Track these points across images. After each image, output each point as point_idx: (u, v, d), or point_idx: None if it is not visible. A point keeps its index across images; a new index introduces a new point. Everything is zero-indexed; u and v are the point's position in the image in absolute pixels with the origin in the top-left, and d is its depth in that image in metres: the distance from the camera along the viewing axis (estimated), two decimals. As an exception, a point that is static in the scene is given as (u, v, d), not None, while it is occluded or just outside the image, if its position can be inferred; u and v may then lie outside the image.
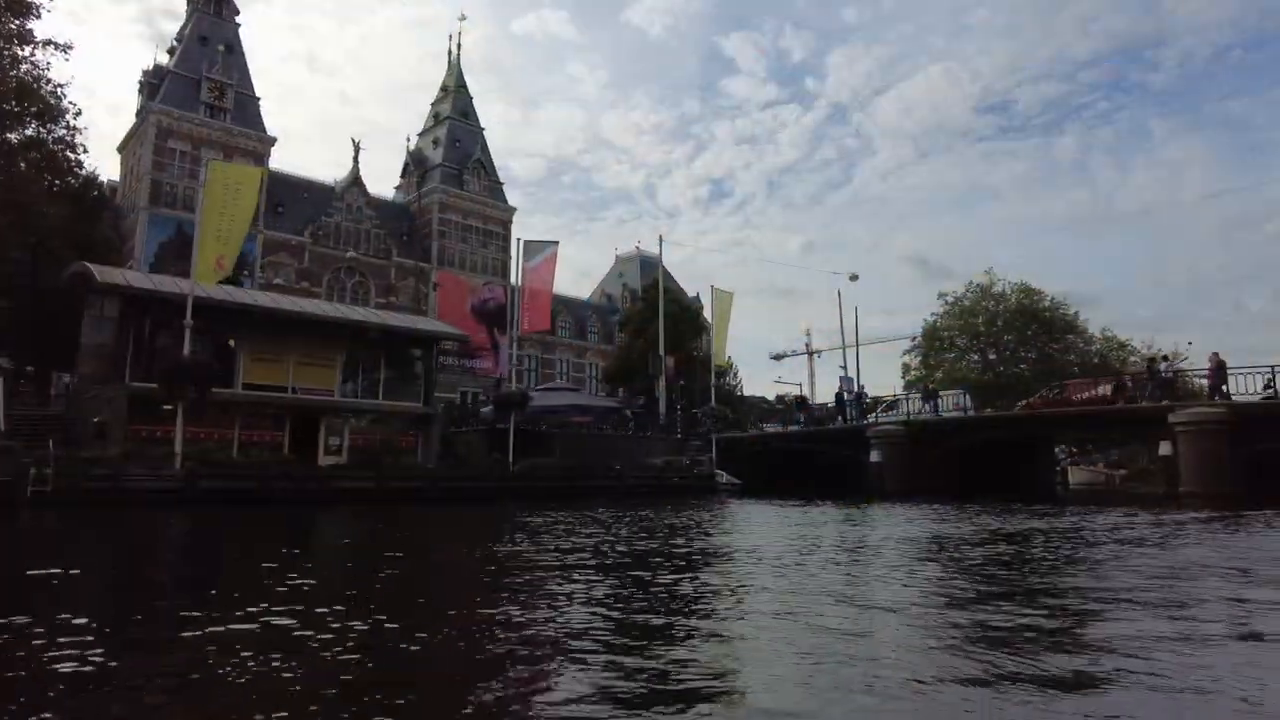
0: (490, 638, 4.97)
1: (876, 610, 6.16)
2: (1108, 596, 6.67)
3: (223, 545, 12.09)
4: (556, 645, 4.75)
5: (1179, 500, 22.79)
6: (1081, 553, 10.18)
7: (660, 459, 28.48)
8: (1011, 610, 5.88)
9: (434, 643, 4.88)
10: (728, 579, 8.10)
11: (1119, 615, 5.86)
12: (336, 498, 19.67)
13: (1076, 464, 43.46)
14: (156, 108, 53.73)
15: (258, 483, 18.45)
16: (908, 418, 30.38)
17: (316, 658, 4.31)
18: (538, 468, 23.48)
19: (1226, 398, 24.23)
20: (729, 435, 33.92)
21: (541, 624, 5.46)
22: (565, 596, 6.59)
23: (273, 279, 57.72)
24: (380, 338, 22.95)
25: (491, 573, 8.50)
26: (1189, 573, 8.20)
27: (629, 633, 5.15)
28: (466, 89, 71.32)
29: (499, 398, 25.04)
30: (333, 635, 4.79)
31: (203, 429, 19.71)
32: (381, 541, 12.33)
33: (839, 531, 14.17)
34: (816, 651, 4.61)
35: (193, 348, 19.20)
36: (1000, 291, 52.85)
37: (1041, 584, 7.57)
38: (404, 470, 21.41)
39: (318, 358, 21.93)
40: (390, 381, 23.18)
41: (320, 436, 21.55)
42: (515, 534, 12.84)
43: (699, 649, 4.63)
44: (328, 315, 22.03)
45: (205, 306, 19.36)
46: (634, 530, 13.23)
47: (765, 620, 5.68)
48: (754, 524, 15.90)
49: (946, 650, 4.54)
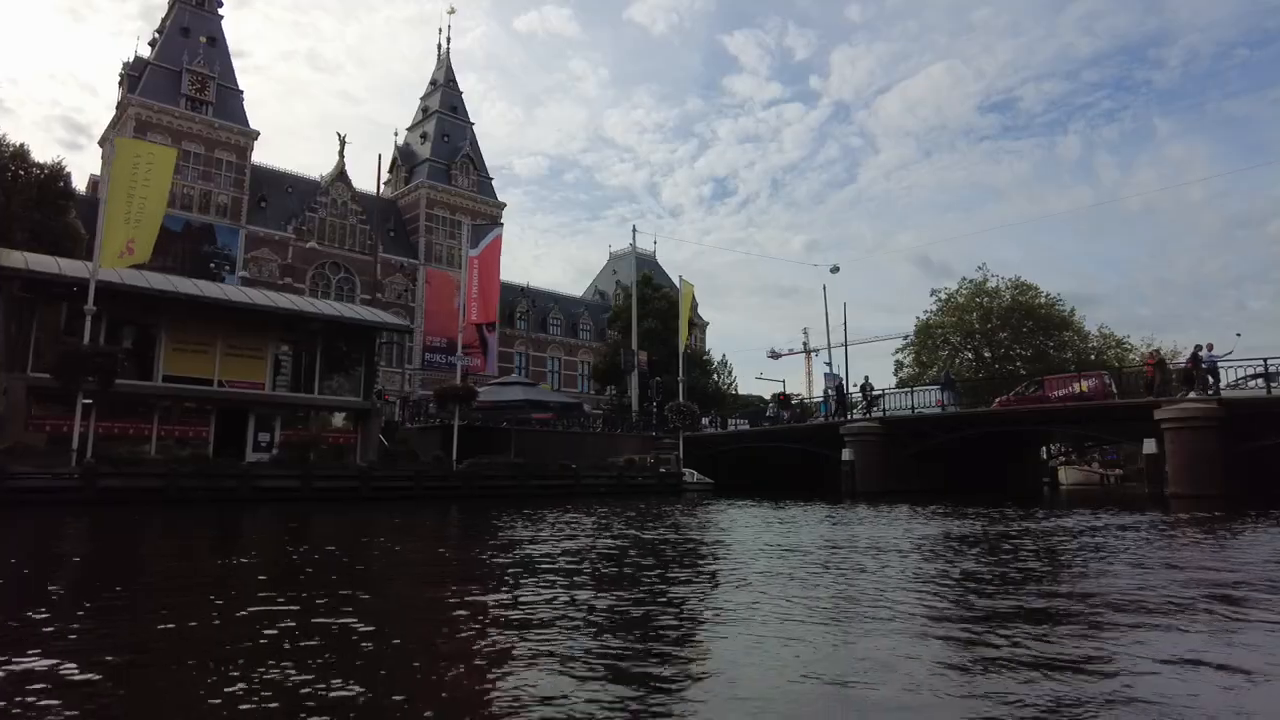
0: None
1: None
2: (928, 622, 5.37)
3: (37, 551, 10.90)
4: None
5: (1165, 503, 21.35)
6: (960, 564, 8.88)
7: (623, 457, 27.18)
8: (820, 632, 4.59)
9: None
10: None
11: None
12: (258, 497, 18.48)
13: (1070, 464, 41.93)
14: (135, 100, 52.79)
15: (166, 481, 17.27)
16: (884, 414, 28.96)
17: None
18: (482, 467, 22.22)
19: (1216, 392, 22.74)
20: (706, 433, 32.60)
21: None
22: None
23: (255, 275, 56.85)
24: (316, 328, 21.74)
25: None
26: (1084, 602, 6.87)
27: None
28: (456, 83, 70.25)
29: (440, 392, 23.79)
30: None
31: (117, 424, 18.58)
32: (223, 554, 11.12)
33: (748, 536, 12.88)
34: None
35: (105, 336, 18.08)
36: (994, 288, 51.67)
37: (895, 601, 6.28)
38: (333, 468, 20.19)
39: (247, 349, 20.75)
40: (327, 374, 21.97)
41: (249, 432, 20.37)
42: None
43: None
44: (257, 303, 20.79)
45: (118, 293, 18.19)
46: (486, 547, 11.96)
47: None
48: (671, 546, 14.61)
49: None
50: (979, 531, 12.69)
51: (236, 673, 3.86)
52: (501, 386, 26.92)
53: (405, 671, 4.10)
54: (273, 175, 60.96)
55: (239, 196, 56.79)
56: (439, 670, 4.21)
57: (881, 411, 30.04)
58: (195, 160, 55.06)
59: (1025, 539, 11.62)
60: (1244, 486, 21.37)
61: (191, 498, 17.47)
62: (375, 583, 7.67)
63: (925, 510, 17.49)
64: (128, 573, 8.30)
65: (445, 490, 21.63)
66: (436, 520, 16.17)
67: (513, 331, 69.84)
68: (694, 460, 30.80)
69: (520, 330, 70.65)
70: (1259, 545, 10.89)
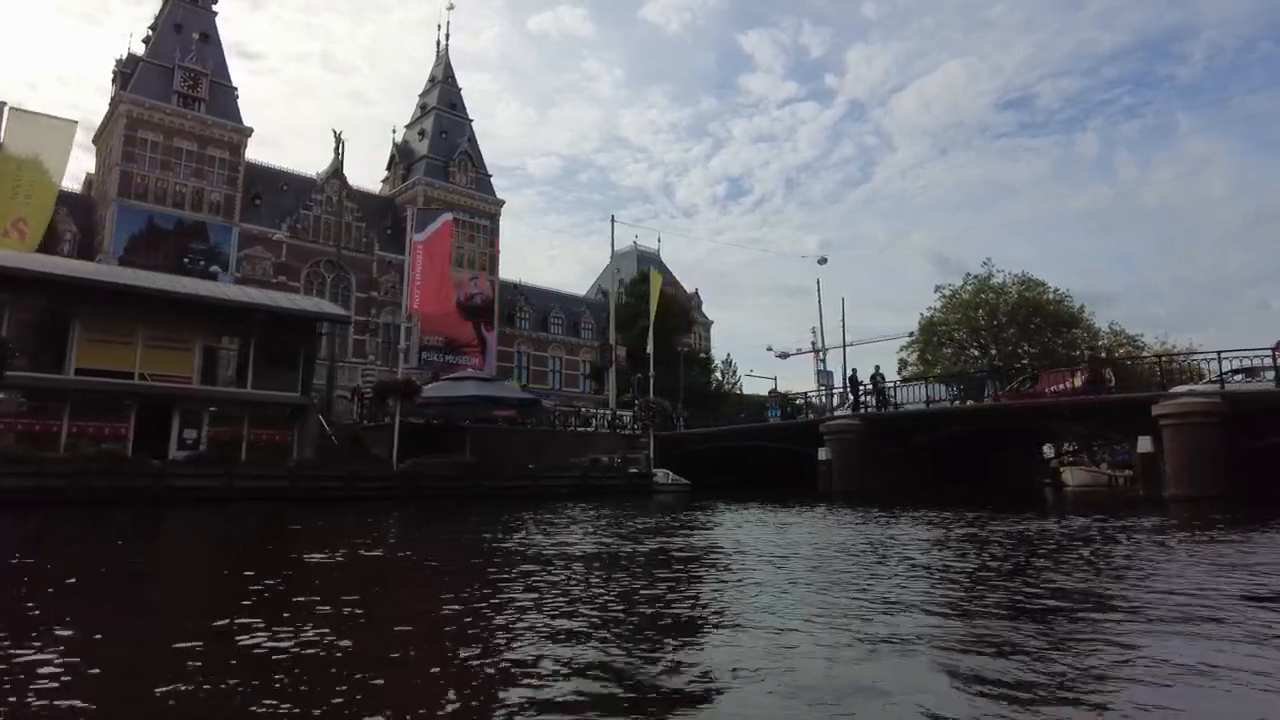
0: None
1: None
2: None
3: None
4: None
5: (1163, 505, 19.58)
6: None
7: (588, 457, 25.78)
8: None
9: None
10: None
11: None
12: (175, 498, 17.34)
13: (1077, 464, 39.85)
14: (128, 97, 52.41)
15: (68, 480, 16.14)
16: (864, 410, 27.22)
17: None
18: (425, 467, 20.90)
19: (1220, 385, 20.89)
20: (682, 432, 31.11)
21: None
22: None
23: (249, 274, 56.25)
24: (251, 319, 20.54)
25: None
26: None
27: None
28: (455, 80, 69.33)
29: (378, 386, 22.50)
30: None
31: (21, 420, 17.48)
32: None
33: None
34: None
35: (8, 327, 17.01)
36: (1000, 284, 49.70)
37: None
38: (260, 468, 18.97)
39: (173, 340, 19.61)
40: (262, 368, 20.76)
41: (173, 429, 19.21)
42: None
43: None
44: (182, 291, 19.64)
45: (17, 280, 17.09)
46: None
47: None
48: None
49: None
50: (900, 537, 11.21)
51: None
52: (454, 382, 25.57)
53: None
54: (268, 173, 60.36)
55: (232, 194, 56.23)
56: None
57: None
58: (188, 157, 54.57)
59: (947, 548, 10.10)
60: (1248, 488, 19.56)
61: (98, 498, 16.34)
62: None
63: (883, 513, 15.96)
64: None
65: (385, 491, 20.36)
66: (338, 522, 14.94)
67: (513, 331, 68.91)
68: (673, 460, 29.33)
69: (521, 330, 69.64)
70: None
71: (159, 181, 53.43)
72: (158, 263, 47.08)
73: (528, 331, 69.95)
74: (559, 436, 29.24)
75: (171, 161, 54.06)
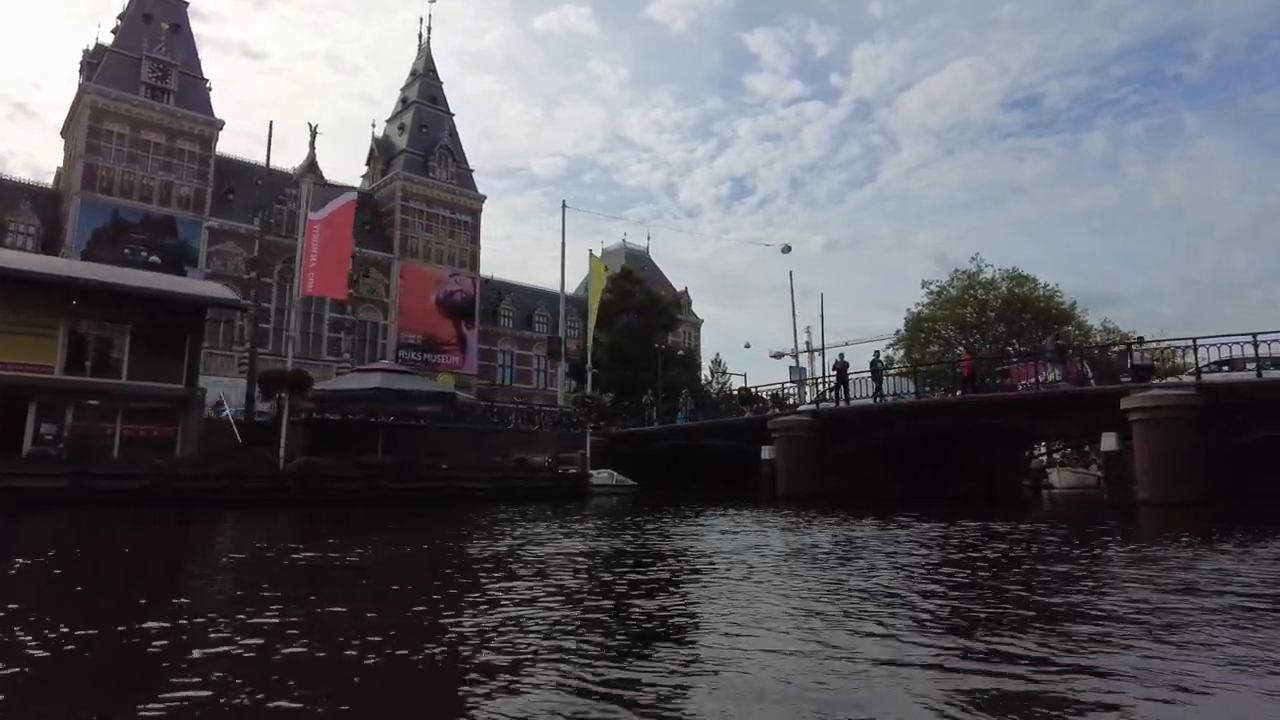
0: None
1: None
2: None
3: None
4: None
5: (1130, 511, 17.45)
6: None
7: (514, 456, 23.86)
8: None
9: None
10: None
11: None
12: (9, 499, 15.51)
13: (1065, 465, 37.61)
14: (92, 88, 51.07)
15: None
16: (816, 407, 25.15)
17: None
18: (317, 467, 19.02)
19: (1196, 376, 18.73)
20: (630, 430, 29.15)
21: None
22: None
23: (220, 269, 54.84)
24: (123, 303, 18.75)
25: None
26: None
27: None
28: (436, 73, 67.73)
29: (264, 376, 20.57)
30: None
31: None
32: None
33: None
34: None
35: None
36: (989, 279, 47.59)
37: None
38: (119, 466, 17.16)
39: (32, 326, 17.86)
40: (141, 357, 18.97)
41: (28, 423, 17.45)
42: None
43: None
44: (42, 271, 17.90)
45: None
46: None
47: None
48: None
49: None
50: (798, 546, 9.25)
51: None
52: (361, 374, 23.75)
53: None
54: (241, 167, 58.90)
55: (202, 188, 54.93)
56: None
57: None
58: (155, 150, 53.24)
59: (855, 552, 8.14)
60: (1227, 491, 17.41)
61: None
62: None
63: (810, 518, 13.98)
64: None
65: (272, 493, 18.50)
66: (184, 528, 13.12)
67: (496, 329, 67.33)
68: (623, 460, 27.39)
69: (505, 328, 68.04)
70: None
71: (125, 175, 52.07)
72: (120, 257, 45.72)
73: (512, 330, 68.27)
74: (498, 434, 27.39)
75: (138, 154, 52.68)
